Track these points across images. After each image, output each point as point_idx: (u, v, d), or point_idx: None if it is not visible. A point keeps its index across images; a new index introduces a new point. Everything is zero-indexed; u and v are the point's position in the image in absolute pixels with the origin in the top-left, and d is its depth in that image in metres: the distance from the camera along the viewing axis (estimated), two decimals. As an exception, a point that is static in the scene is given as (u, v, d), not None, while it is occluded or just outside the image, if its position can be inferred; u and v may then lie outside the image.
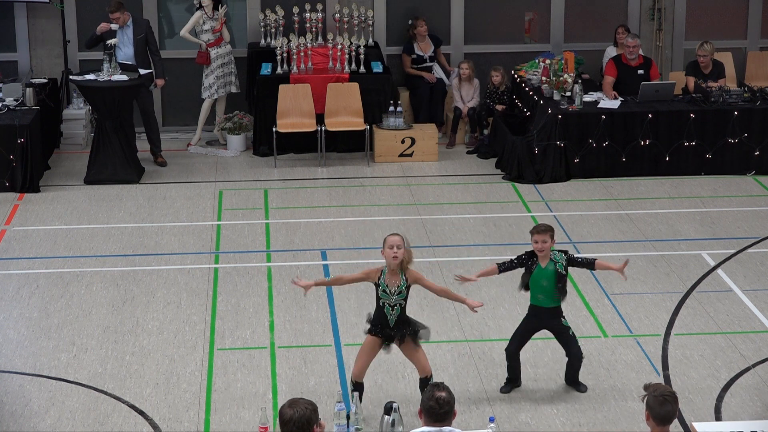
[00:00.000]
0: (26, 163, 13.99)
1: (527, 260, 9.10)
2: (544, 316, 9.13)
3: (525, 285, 9.14)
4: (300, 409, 6.02)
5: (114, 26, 14.68)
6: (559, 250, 9.12)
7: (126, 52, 14.89)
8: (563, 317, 9.18)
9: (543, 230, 9.05)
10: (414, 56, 16.24)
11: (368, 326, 8.76)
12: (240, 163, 15.34)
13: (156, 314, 10.75)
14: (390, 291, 8.62)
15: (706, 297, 11.09)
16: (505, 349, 9.30)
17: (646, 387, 6.39)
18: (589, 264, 9.23)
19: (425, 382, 8.70)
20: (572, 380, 9.36)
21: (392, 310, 8.63)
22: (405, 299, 8.68)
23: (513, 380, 9.35)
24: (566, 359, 9.35)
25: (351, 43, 15.71)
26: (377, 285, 8.64)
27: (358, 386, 8.75)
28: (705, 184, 14.33)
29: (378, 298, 8.67)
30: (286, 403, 6.07)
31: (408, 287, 8.68)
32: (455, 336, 10.29)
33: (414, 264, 8.76)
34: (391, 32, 16.74)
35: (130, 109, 14.65)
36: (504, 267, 9.22)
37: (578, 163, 14.49)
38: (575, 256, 9.26)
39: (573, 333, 9.23)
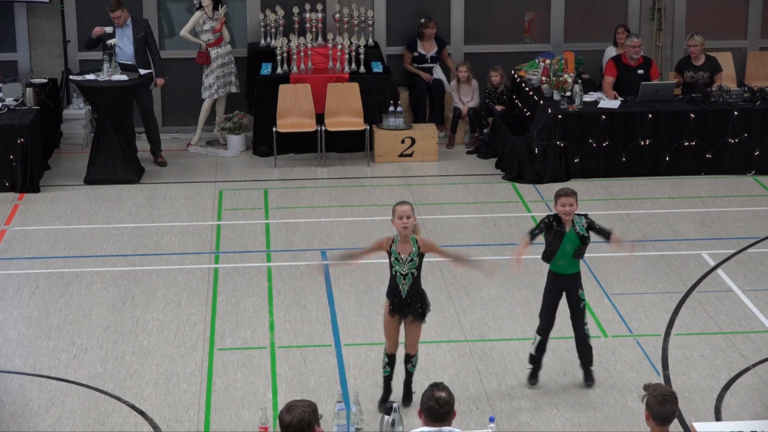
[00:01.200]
0: (26, 163, 13.99)
1: (554, 223, 9.02)
2: (563, 283, 9.10)
3: (553, 253, 9.03)
4: (298, 412, 6.01)
5: (108, 29, 14.61)
6: (577, 214, 9.08)
7: (126, 51, 14.88)
8: (582, 288, 9.15)
9: (569, 193, 8.99)
10: (415, 54, 16.26)
11: (386, 299, 8.80)
12: (240, 163, 15.34)
13: (156, 314, 10.75)
14: (402, 259, 8.62)
15: (706, 297, 11.09)
16: (537, 331, 9.25)
17: (646, 387, 6.40)
18: (606, 234, 9.14)
19: (409, 359, 8.90)
20: (585, 368, 9.38)
21: (404, 279, 8.66)
22: (418, 269, 8.68)
23: (538, 362, 9.34)
24: (570, 356, 9.36)
25: (351, 43, 15.71)
26: (389, 253, 8.66)
27: (392, 359, 8.93)
28: (705, 184, 14.33)
29: (390, 267, 8.71)
30: (284, 407, 6.06)
31: (420, 256, 8.66)
32: (455, 336, 10.29)
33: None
34: (391, 32, 16.75)
35: (130, 109, 14.65)
36: (534, 235, 9.12)
37: (578, 163, 14.49)
38: (594, 222, 9.17)
39: (585, 309, 9.17)
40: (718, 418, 8.90)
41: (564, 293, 9.18)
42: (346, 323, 10.56)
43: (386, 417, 8.29)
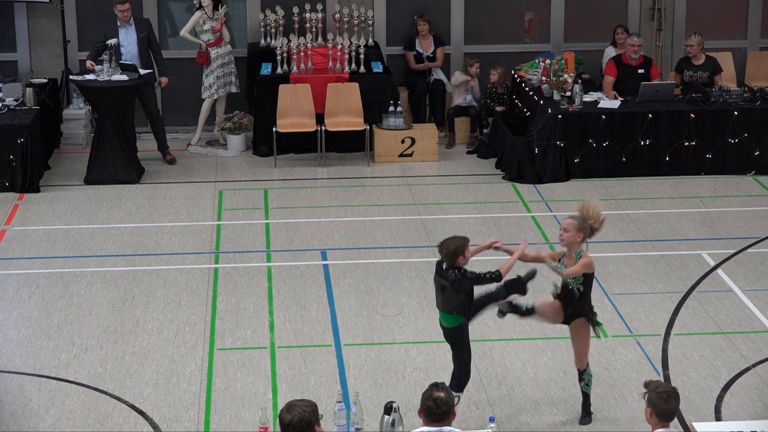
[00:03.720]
0: (26, 163, 13.99)
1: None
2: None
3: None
4: (298, 412, 6.01)
5: (98, 67, 14.47)
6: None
7: (131, 51, 14.87)
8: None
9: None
10: (414, 53, 16.27)
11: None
12: (240, 163, 15.34)
13: (156, 314, 10.75)
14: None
15: (706, 297, 11.09)
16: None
17: (647, 384, 6.40)
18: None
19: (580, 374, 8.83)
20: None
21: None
22: (580, 283, 8.62)
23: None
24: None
25: (351, 43, 15.71)
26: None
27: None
28: (705, 184, 14.34)
29: None
30: (284, 407, 6.07)
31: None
32: (455, 336, 10.27)
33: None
34: (391, 32, 16.75)
35: (132, 109, 14.67)
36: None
37: (578, 163, 14.49)
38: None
39: None
40: (718, 418, 8.90)
41: None
42: (346, 323, 10.56)
43: (386, 417, 8.28)
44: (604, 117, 14.44)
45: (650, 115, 14.44)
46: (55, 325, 10.52)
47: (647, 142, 14.47)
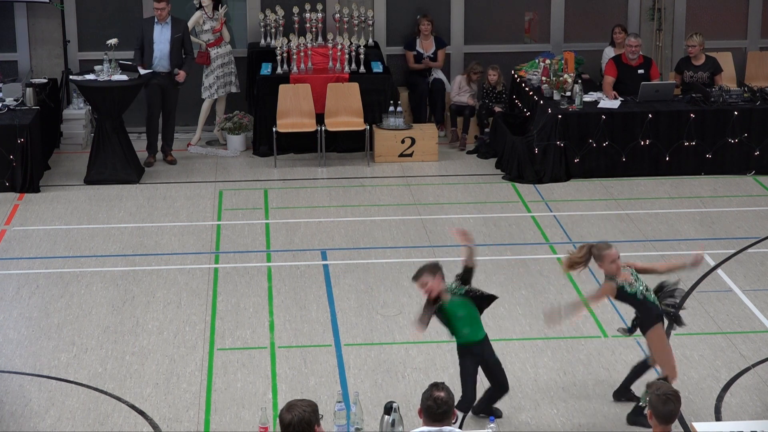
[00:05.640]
0: (26, 163, 13.99)
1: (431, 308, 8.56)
2: (476, 351, 8.66)
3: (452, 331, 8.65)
4: (299, 411, 6.01)
5: (98, 67, 14.41)
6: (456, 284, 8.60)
7: (162, 49, 14.86)
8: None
9: (419, 275, 8.49)
10: (414, 53, 16.27)
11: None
12: (240, 163, 15.34)
13: (156, 314, 10.75)
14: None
15: (706, 297, 11.09)
16: (459, 407, 8.39)
17: (649, 385, 6.40)
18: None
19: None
20: (486, 409, 8.82)
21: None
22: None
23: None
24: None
25: (351, 43, 15.71)
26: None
27: None
28: (705, 184, 14.33)
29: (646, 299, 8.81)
30: (285, 407, 6.07)
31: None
32: (455, 336, 10.28)
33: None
34: (391, 32, 16.75)
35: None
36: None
37: (578, 163, 14.49)
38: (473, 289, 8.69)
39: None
40: (718, 418, 8.89)
41: (479, 362, 8.68)
42: (346, 323, 10.56)
43: (386, 417, 8.28)
44: (604, 117, 14.44)
45: (650, 115, 14.44)
46: (55, 325, 10.52)
47: (647, 142, 14.47)
